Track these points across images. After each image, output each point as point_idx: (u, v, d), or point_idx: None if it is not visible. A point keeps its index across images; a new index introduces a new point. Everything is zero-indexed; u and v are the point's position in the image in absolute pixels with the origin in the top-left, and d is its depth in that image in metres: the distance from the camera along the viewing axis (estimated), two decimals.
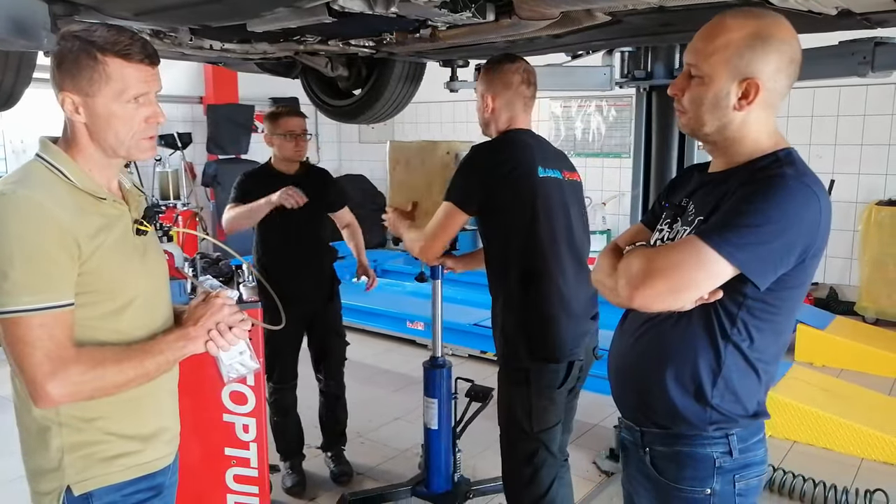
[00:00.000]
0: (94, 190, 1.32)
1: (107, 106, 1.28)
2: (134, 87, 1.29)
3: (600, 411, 4.02)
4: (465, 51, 2.74)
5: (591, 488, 3.17)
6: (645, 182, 3.08)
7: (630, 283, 1.30)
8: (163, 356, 1.34)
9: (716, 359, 1.34)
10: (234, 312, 1.42)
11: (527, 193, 2.09)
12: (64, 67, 1.27)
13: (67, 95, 1.28)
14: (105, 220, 1.32)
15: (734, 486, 1.39)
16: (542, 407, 2.22)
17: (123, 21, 1.91)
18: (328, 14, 1.81)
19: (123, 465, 1.37)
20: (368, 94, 3.30)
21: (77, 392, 1.25)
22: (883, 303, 5.61)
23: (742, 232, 1.23)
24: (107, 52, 1.26)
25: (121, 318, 1.34)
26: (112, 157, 1.35)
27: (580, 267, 2.21)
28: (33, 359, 1.21)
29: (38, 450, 1.33)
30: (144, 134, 1.34)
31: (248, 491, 2.43)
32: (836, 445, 3.53)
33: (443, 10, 1.82)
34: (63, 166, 1.31)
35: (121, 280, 1.33)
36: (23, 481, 1.43)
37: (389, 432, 3.80)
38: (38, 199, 1.23)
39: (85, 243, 1.25)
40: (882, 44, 2.22)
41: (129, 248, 1.36)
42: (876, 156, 5.83)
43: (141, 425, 1.40)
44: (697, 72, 1.32)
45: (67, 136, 1.34)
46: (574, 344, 2.18)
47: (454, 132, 8.45)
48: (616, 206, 7.21)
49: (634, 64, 3.00)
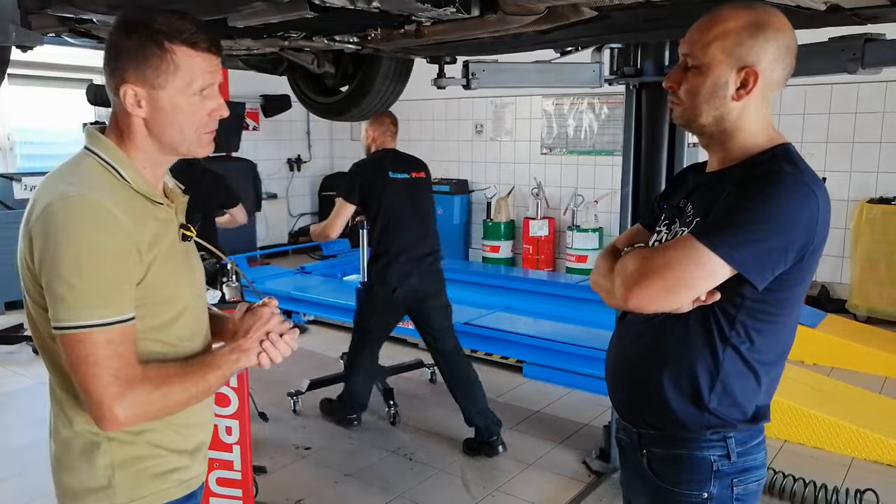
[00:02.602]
0: (150, 193, 1.23)
1: (172, 99, 1.19)
2: (200, 79, 1.20)
3: (590, 411, 4.00)
4: (452, 47, 2.71)
5: (580, 488, 3.15)
6: (635, 180, 3.05)
7: (625, 284, 1.29)
8: (221, 371, 1.26)
9: (714, 362, 1.32)
10: (283, 321, 1.34)
11: (380, 188, 3.44)
12: (126, 57, 1.17)
13: (130, 87, 1.17)
14: (159, 225, 1.23)
15: (732, 491, 1.37)
16: (377, 308, 3.59)
17: (98, 14, 1.86)
18: (309, 9, 1.77)
19: (176, 480, 1.29)
20: (355, 90, 3.26)
21: (145, 413, 1.17)
22: (874, 301, 5.62)
23: (738, 230, 1.21)
24: (175, 40, 1.16)
25: (170, 330, 1.26)
26: (169, 153, 1.26)
27: (421, 231, 3.61)
28: (100, 379, 1.11)
29: (82, 467, 1.22)
30: (206, 128, 1.25)
31: (232, 494, 2.40)
32: (826, 444, 3.52)
33: (426, 4, 1.79)
34: (119, 165, 1.21)
35: (173, 290, 1.26)
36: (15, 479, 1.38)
37: (378, 433, 3.76)
38: (106, 204, 1.13)
39: (145, 252, 1.17)
40: (872, 40, 2.19)
41: (178, 255, 1.28)
42: (867, 153, 5.82)
43: (187, 439, 1.32)
44: (694, 62, 1.30)
45: (120, 129, 1.23)
46: (399, 280, 3.48)
47: (446, 129, 8.42)
48: (608, 204, 7.19)
49: (624, 60, 2.97)
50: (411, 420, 3.91)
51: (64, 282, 1.10)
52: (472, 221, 8.24)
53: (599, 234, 7.11)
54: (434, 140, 8.56)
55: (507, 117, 7.92)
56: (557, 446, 3.59)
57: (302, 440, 3.64)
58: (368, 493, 3.14)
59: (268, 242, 8.43)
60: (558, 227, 7.52)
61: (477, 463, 3.42)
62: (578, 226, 7.17)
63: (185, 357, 1.27)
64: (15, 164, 6.97)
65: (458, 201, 8.04)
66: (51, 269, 1.11)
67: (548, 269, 7.39)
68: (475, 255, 8.12)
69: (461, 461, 3.43)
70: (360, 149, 3.79)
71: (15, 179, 6.50)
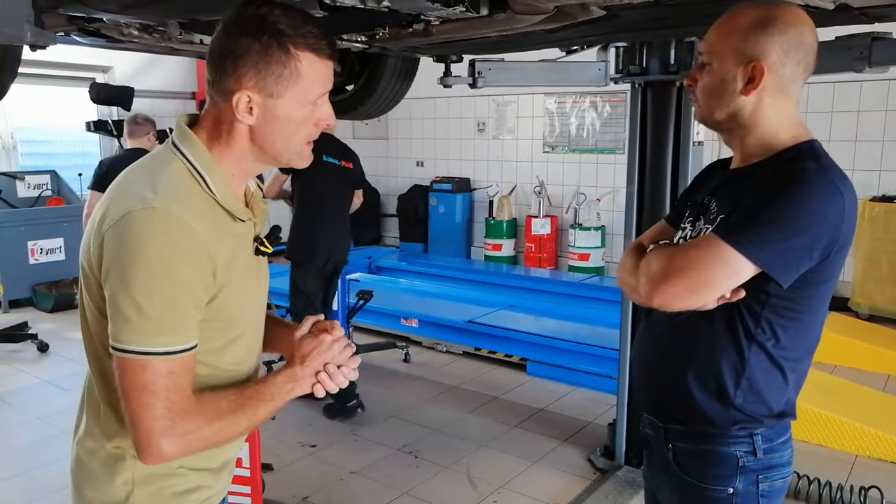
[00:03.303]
0: (234, 209, 1.13)
1: (288, 108, 1.10)
2: (319, 87, 1.12)
3: (594, 409, 4.01)
4: (459, 46, 2.71)
5: (585, 485, 3.16)
6: (640, 178, 3.05)
7: (650, 282, 1.30)
8: (273, 402, 1.16)
9: (739, 359, 1.32)
10: (344, 348, 1.22)
11: (313, 169, 3.59)
12: (247, 61, 1.07)
13: (246, 93, 1.08)
14: (238, 242, 1.14)
15: (758, 487, 1.37)
16: (308, 281, 3.95)
17: (110, 15, 1.87)
18: (319, 8, 1.78)
19: (195, 499, 1.22)
20: (361, 89, 3.26)
21: (192, 448, 1.10)
22: (877, 299, 5.63)
23: (763, 229, 1.21)
24: (300, 45, 1.07)
25: (224, 354, 1.18)
26: (268, 163, 1.18)
27: (338, 213, 4.02)
28: (154, 411, 1.03)
29: (102, 480, 1.17)
30: (312, 137, 1.16)
31: (241, 491, 2.41)
32: (830, 442, 3.53)
33: (436, 4, 1.79)
34: (207, 173, 1.10)
35: (238, 312, 1.17)
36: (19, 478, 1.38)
37: (383, 430, 3.78)
38: (189, 220, 1.04)
39: (220, 273, 1.09)
40: (879, 39, 2.20)
41: (251, 273, 1.20)
42: (870, 152, 5.83)
43: (213, 458, 1.24)
44: (707, 60, 1.33)
45: (218, 132, 1.13)
46: (325, 255, 3.94)
47: (447, 127, 8.43)
48: (610, 203, 7.20)
49: (629, 59, 2.97)
50: (416, 418, 3.93)
51: (133, 302, 1.01)
52: (475, 220, 8.25)
53: (602, 232, 7.11)
54: (436, 138, 8.57)
55: (510, 115, 7.93)
56: (562, 444, 3.60)
57: (307, 438, 3.65)
58: (374, 490, 3.15)
59: None
60: (560, 225, 7.53)
61: (483, 460, 3.43)
62: (581, 224, 7.18)
63: (234, 383, 1.19)
64: (18, 163, 6.98)
65: (460, 199, 8.05)
66: (120, 283, 1.02)
67: (550, 267, 7.40)
68: (477, 254, 8.14)
69: (466, 458, 3.44)
70: (362, 146, 3.84)
71: (18, 178, 6.51)
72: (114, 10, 1.86)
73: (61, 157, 7.26)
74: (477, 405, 4.12)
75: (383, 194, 9.13)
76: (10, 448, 3.58)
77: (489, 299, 5.72)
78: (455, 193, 8.03)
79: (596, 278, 6.51)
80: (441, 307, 5.44)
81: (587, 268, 6.99)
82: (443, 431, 3.76)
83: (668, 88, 2.91)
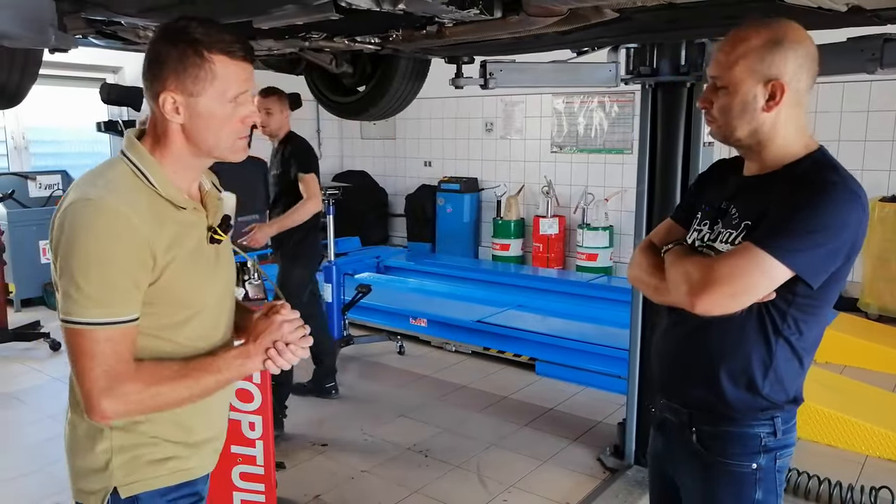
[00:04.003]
0: (175, 198, 1.28)
1: (209, 106, 1.25)
2: (235, 86, 1.26)
3: (603, 408, 4.02)
4: (471, 47, 2.73)
5: (595, 485, 3.18)
6: (650, 178, 3.06)
7: (692, 290, 1.39)
8: (221, 375, 1.29)
9: (768, 353, 1.43)
10: (294, 329, 1.34)
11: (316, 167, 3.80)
12: (167, 66, 1.23)
13: (170, 94, 1.24)
14: (181, 228, 1.28)
15: (775, 463, 1.50)
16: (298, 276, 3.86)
17: (129, 17, 1.90)
18: (335, 11, 1.80)
19: (171, 468, 1.34)
20: (373, 90, 3.28)
21: (131, 410, 1.23)
22: (886, 299, 5.61)
23: (795, 238, 1.32)
24: (213, 49, 1.23)
25: (182, 330, 1.31)
26: (204, 158, 1.33)
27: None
28: (93, 373, 1.18)
29: (86, 449, 1.32)
30: (240, 134, 1.31)
31: (255, 489, 2.43)
32: (840, 442, 3.53)
33: (450, 7, 1.81)
34: (149, 172, 1.27)
35: (188, 293, 1.30)
36: (22, 479, 1.44)
37: (394, 429, 3.80)
38: (123, 209, 1.19)
39: (160, 256, 1.22)
40: (891, 40, 2.20)
41: (201, 258, 1.33)
42: (879, 152, 5.82)
43: (190, 433, 1.37)
44: (723, 83, 1.42)
45: (157, 135, 1.29)
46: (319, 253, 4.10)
47: (455, 128, 8.45)
48: (618, 203, 7.20)
49: (640, 60, 2.98)
50: (425, 418, 3.95)
51: (73, 281, 1.17)
52: (482, 219, 8.26)
53: (610, 232, 7.11)
54: (444, 138, 8.59)
55: (517, 115, 7.94)
56: (572, 443, 3.61)
57: (319, 437, 3.67)
58: (385, 489, 3.17)
59: None
60: (568, 225, 7.53)
61: (493, 460, 3.44)
62: (589, 224, 7.18)
63: (189, 357, 1.30)
64: (30, 163, 7.03)
65: (468, 199, 8.07)
66: (64, 265, 1.18)
67: (558, 267, 7.41)
68: (485, 254, 8.15)
69: (476, 458, 3.46)
70: (370, 146, 3.88)
71: (30, 178, 6.56)
72: (133, 13, 1.89)
73: (72, 158, 7.30)
74: (486, 405, 4.14)
75: (391, 194, 9.15)
76: (26, 445, 3.62)
77: (497, 299, 5.74)
78: (463, 193, 8.04)
79: (604, 278, 6.52)
80: (450, 307, 5.46)
81: (595, 268, 7.00)
82: (452, 431, 3.78)
83: (679, 89, 2.92)
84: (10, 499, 3.05)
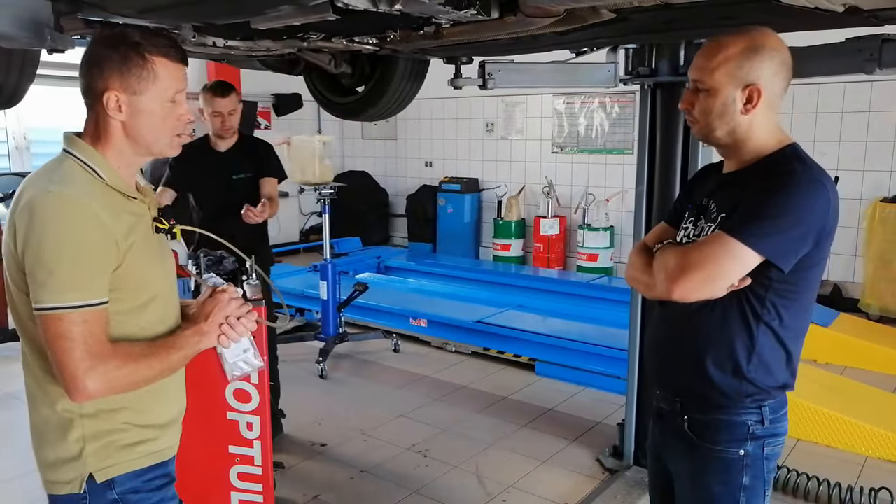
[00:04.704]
0: (124, 188, 1.37)
1: (150, 104, 1.34)
2: (174, 86, 1.36)
3: (603, 409, 4.02)
4: (470, 48, 2.72)
5: (594, 485, 3.17)
6: (649, 179, 3.06)
7: (668, 277, 1.49)
8: (182, 352, 1.40)
9: (749, 339, 1.51)
10: (241, 306, 1.49)
11: None
12: (111, 66, 1.31)
13: (114, 93, 1.32)
14: (133, 218, 1.37)
15: (763, 451, 1.57)
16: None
17: (126, 19, 1.90)
18: (332, 11, 1.80)
19: (143, 451, 1.41)
20: (372, 91, 3.28)
21: (112, 387, 1.30)
22: (887, 300, 5.60)
23: (763, 224, 1.42)
24: (153, 52, 1.33)
25: (143, 314, 1.39)
26: (144, 154, 1.41)
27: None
28: (75, 354, 1.24)
29: (57, 440, 1.36)
30: (178, 131, 1.41)
31: (252, 489, 2.42)
32: (840, 443, 3.53)
33: (447, 7, 1.81)
34: (96, 165, 1.34)
35: (145, 278, 1.38)
36: (22, 479, 1.45)
37: (393, 430, 3.80)
38: (84, 199, 1.27)
39: (121, 242, 1.30)
40: (889, 41, 2.19)
41: (151, 246, 1.42)
42: (880, 152, 5.81)
43: (158, 415, 1.45)
44: (703, 86, 1.52)
45: (98, 133, 1.37)
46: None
47: (456, 128, 8.45)
48: (619, 203, 7.19)
49: (639, 61, 2.98)
50: (425, 418, 3.95)
51: (45, 268, 1.23)
52: (483, 220, 8.26)
53: (610, 232, 7.11)
54: (445, 139, 8.59)
55: (518, 116, 7.94)
56: (571, 444, 3.61)
57: (318, 437, 3.68)
58: (384, 490, 3.17)
59: (279, 241, 8.46)
60: (569, 225, 7.53)
61: (492, 460, 3.44)
62: (589, 224, 7.18)
63: (152, 339, 1.40)
64: (31, 163, 7.04)
65: (468, 200, 8.07)
66: (34, 256, 1.24)
67: (559, 267, 7.41)
68: (486, 254, 8.15)
69: (476, 458, 3.45)
70: (371, 146, 3.84)
71: None
72: (130, 14, 1.89)
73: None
74: (486, 405, 4.14)
75: (392, 194, 9.15)
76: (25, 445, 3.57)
77: (498, 299, 5.73)
78: (464, 194, 8.04)
79: (604, 279, 6.51)
80: (450, 307, 5.46)
81: (596, 268, 6.99)
82: (452, 431, 3.78)
83: (678, 90, 2.91)
84: (9, 499, 3.06)
